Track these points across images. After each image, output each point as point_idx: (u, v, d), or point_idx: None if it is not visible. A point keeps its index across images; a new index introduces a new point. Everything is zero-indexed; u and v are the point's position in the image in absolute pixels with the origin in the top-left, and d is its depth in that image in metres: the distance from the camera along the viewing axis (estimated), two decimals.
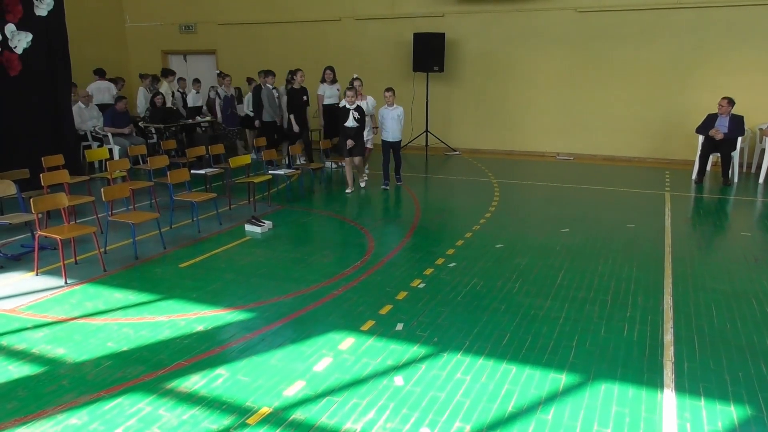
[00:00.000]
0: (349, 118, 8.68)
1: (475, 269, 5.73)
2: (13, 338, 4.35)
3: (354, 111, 8.68)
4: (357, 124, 8.70)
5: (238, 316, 4.70)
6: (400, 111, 9.14)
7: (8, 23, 8.82)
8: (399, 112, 9.12)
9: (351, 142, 8.72)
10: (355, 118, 8.68)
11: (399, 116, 9.12)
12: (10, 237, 6.70)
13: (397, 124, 9.12)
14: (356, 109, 8.71)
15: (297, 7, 13.81)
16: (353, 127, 8.70)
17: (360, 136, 8.83)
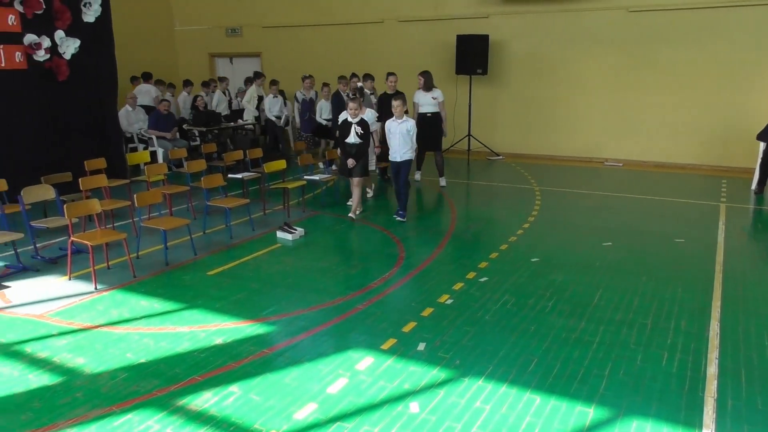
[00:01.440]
0: (350, 133, 7.64)
1: (506, 285, 5.50)
2: (38, 345, 4.39)
3: (357, 125, 7.61)
4: (360, 140, 7.62)
5: (258, 330, 4.62)
6: (410, 125, 7.60)
7: (57, 30, 9.06)
8: (409, 127, 7.58)
9: (352, 162, 7.63)
10: (358, 134, 7.61)
11: (409, 131, 7.58)
12: (50, 240, 6.83)
13: (405, 142, 7.59)
14: (359, 123, 7.65)
15: (340, 10, 13.76)
16: (355, 144, 7.64)
17: (363, 153, 7.73)
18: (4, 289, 5.43)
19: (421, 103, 9.57)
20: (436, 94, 9.45)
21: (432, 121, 9.49)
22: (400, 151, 7.60)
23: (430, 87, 9.45)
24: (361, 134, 7.63)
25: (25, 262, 6.02)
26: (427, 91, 9.45)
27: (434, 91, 9.46)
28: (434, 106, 9.47)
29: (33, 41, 8.73)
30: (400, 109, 7.51)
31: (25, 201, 6.26)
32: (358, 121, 7.64)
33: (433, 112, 9.50)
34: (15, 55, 8.58)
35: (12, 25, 8.51)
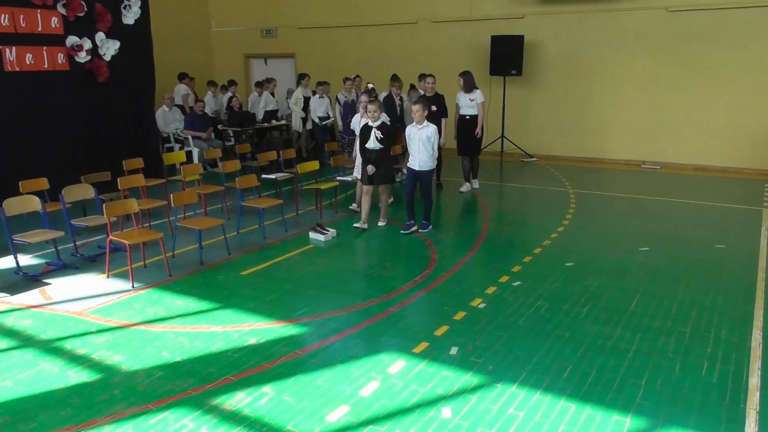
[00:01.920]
0: (371, 137, 7.18)
1: (540, 290, 5.42)
2: (77, 342, 4.49)
3: (377, 129, 7.15)
4: (380, 145, 7.15)
5: (291, 331, 4.65)
6: (431, 131, 7.02)
7: (98, 32, 9.27)
8: (429, 133, 7.01)
9: (372, 168, 7.19)
10: (378, 138, 7.13)
11: (429, 138, 7.01)
12: (89, 238, 6.99)
13: (426, 149, 7.05)
14: (380, 127, 7.17)
15: (374, 11, 13.77)
16: (375, 150, 7.17)
17: (385, 159, 7.26)
18: (45, 286, 5.57)
19: (461, 105, 9.30)
20: (474, 95, 9.13)
21: (470, 124, 9.24)
22: (420, 159, 7.09)
23: (471, 88, 9.12)
24: (381, 139, 7.16)
25: (65, 260, 6.17)
26: (467, 92, 9.14)
27: (474, 92, 9.13)
28: (473, 108, 9.15)
29: (75, 43, 8.95)
30: (419, 114, 7.00)
31: (65, 200, 6.42)
32: (378, 124, 7.20)
33: (473, 114, 9.19)
34: (57, 57, 8.81)
35: (55, 27, 8.74)
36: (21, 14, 8.32)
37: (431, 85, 8.92)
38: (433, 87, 8.95)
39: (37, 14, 8.50)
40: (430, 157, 7.11)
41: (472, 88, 9.08)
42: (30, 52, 8.46)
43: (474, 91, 9.09)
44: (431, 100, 8.76)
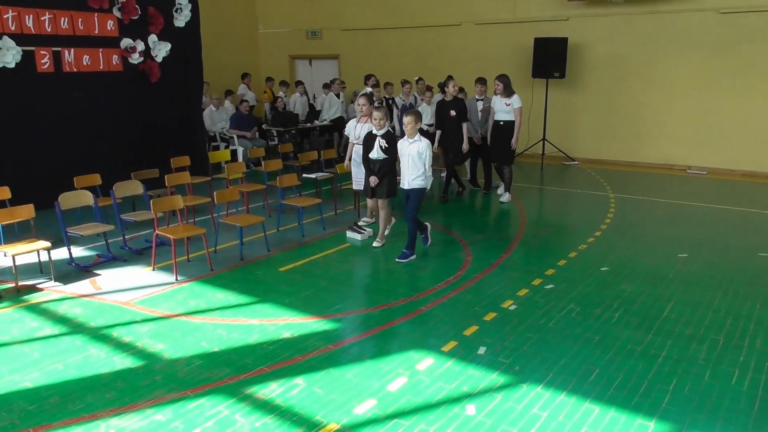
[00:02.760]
0: (374, 147, 6.60)
1: (573, 293, 5.43)
2: (123, 330, 4.74)
3: (381, 138, 6.54)
4: (384, 155, 6.58)
5: (325, 326, 4.80)
6: (422, 146, 6.22)
7: (151, 34, 9.67)
8: (421, 148, 6.22)
9: (374, 179, 6.62)
10: (382, 148, 6.55)
11: (420, 154, 6.23)
12: (138, 232, 7.31)
13: (416, 165, 6.26)
14: (385, 135, 6.57)
15: (418, 13, 13.87)
16: (379, 160, 6.60)
17: (389, 171, 6.64)
18: (95, 277, 5.88)
19: (496, 110, 8.88)
20: (511, 100, 8.69)
21: (504, 130, 8.77)
22: (409, 176, 6.33)
23: (509, 92, 8.71)
24: (386, 148, 6.56)
25: (114, 252, 6.48)
26: (506, 96, 8.70)
27: (511, 96, 8.71)
28: (509, 113, 8.71)
29: (129, 45, 9.35)
30: (411, 127, 6.21)
31: (116, 195, 6.74)
32: (383, 133, 6.59)
33: (507, 120, 8.76)
34: (112, 58, 9.23)
35: (110, 30, 9.16)
36: (79, 18, 8.76)
37: (454, 89, 8.76)
38: (455, 91, 8.77)
39: (94, 18, 8.93)
40: (420, 175, 6.28)
41: (510, 92, 8.75)
42: (87, 54, 8.89)
43: (511, 96, 8.72)
44: (451, 104, 8.66)
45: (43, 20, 8.35)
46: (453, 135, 8.73)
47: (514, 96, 8.71)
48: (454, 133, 8.72)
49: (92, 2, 8.85)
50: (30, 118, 8.31)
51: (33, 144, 8.36)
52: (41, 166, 8.31)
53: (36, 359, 4.27)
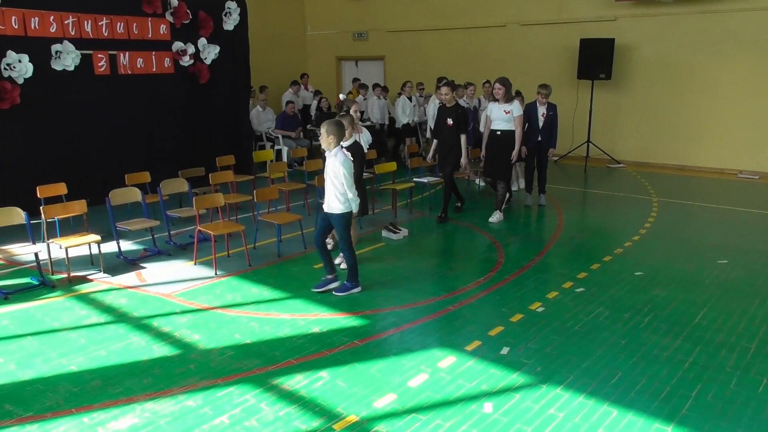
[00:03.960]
0: None
1: (603, 297, 5.41)
2: (163, 320, 5.00)
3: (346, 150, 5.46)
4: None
5: (353, 322, 4.94)
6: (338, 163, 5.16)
7: (201, 37, 10.03)
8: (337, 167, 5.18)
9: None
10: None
11: (336, 174, 5.21)
12: (182, 228, 7.63)
13: (334, 186, 5.27)
14: (351, 147, 5.78)
15: (462, 14, 13.89)
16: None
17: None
18: (140, 270, 6.20)
19: (493, 118, 7.84)
20: (511, 107, 7.67)
21: (502, 141, 7.77)
22: (328, 197, 5.36)
23: (511, 98, 7.77)
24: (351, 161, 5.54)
25: (160, 247, 6.79)
26: (506, 102, 7.71)
27: (511, 103, 7.69)
28: (508, 122, 7.69)
29: (180, 48, 9.74)
30: (325, 139, 5.22)
31: (163, 192, 7.06)
32: (348, 144, 5.75)
33: (505, 130, 7.73)
34: (164, 61, 9.62)
35: (163, 33, 9.55)
36: (134, 22, 9.18)
37: (445, 96, 7.71)
38: (447, 98, 7.71)
39: (148, 22, 9.33)
40: (339, 196, 5.28)
41: (510, 97, 7.75)
42: (141, 57, 9.30)
43: (511, 102, 7.72)
44: (449, 111, 7.71)
45: (101, 25, 8.79)
46: (449, 145, 7.76)
47: (514, 102, 7.77)
48: (451, 143, 7.75)
49: (146, 7, 9.26)
50: (87, 118, 8.75)
51: (89, 143, 8.80)
52: (96, 163, 8.75)
53: (82, 345, 4.56)
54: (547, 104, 8.54)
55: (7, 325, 4.92)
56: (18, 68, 7.97)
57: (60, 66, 8.40)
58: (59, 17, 8.32)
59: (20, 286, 5.71)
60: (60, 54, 8.37)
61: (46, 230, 6.24)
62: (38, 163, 8.10)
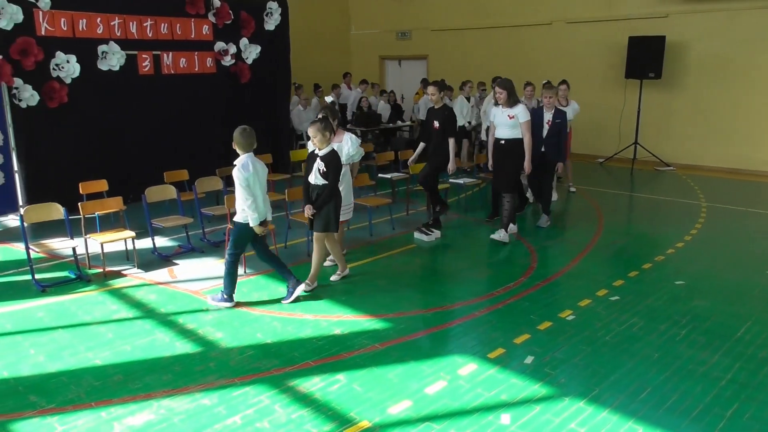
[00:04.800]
0: (313, 169, 5.41)
1: (639, 306, 5.18)
2: (189, 317, 5.05)
3: (320, 160, 5.31)
4: (324, 180, 5.33)
5: (375, 325, 4.87)
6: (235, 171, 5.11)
7: (243, 37, 10.15)
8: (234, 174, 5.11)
9: (309, 210, 5.44)
10: (321, 171, 5.32)
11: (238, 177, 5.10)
12: (217, 225, 7.72)
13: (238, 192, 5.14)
14: (327, 155, 5.31)
15: (507, 12, 13.64)
16: (317, 185, 5.39)
17: (329, 199, 5.39)
18: (173, 266, 6.29)
19: (497, 124, 7.02)
20: (516, 111, 6.81)
21: (507, 150, 6.93)
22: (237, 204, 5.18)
23: (515, 101, 6.90)
24: (324, 172, 5.31)
25: (194, 244, 6.89)
26: (509, 106, 6.87)
27: (516, 107, 6.84)
28: (513, 128, 6.85)
29: (221, 48, 9.88)
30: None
31: (198, 190, 7.16)
32: (324, 153, 5.34)
33: (510, 138, 6.90)
34: (206, 61, 9.79)
35: (205, 34, 9.72)
36: (178, 23, 9.36)
37: (432, 96, 7.06)
38: (435, 99, 7.04)
39: (191, 23, 9.51)
40: (242, 203, 5.09)
41: (514, 101, 6.89)
42: (183, 57, 9.48)
43: (516, 106, 6.85)
44: (437, 113, 7.06)
45: (145, 26, 8.99)
46: (433, 148, 7.15)
47: (518, 106, 6.85)
48: (436, 146, 7.10)
49: (190, 8, 9.43)
50: (130, 117, 8.97)
51: (131, 141, 9.01)
52: (137, 161, 8.94)
53: (109, 339, 4.65)
54: (555, 109, 7.60)
55: (41, 317, 5.06)
56: (66, 68, 8.22)
57: (106, 66, 8.63)
58: (106, 19, 8.56)
59: (57, 280, 5.88)
60: (106, 54, 8.60)
61: (86, 226, 6.40)
62: (81, 161, 8.34)
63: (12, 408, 3.72)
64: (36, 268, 5.90)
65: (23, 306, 5.28)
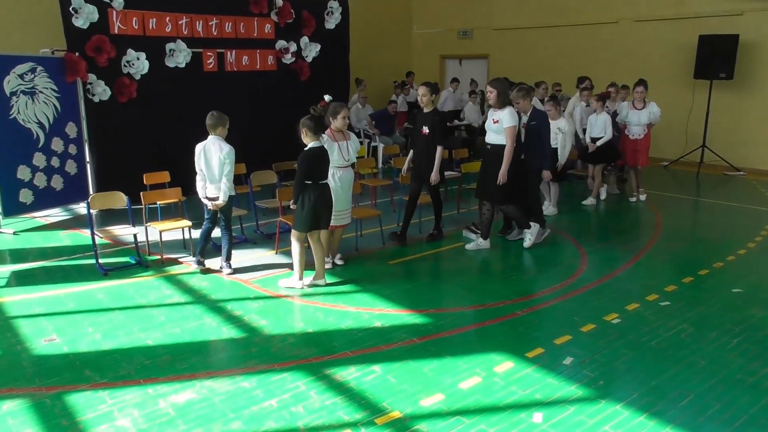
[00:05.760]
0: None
1: (690, 313, 5.00)
2: (236, 305, 5.24)
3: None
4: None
5: (415, 320, 4.91)
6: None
7: (303, 36, 10.38)
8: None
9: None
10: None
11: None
12: (271, 218, 7.93)
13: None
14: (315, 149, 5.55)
15: (572, 11, 13.35)
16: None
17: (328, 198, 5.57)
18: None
19: (486, 127, 6.52)
20: (501, 115, 6.21)
21: (493, 156, 6.39)
22: None
23: (505, 103, 6.24)
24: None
25: (247, 235, 7.12)
26: (498, 108, 6.29)
27: (504, 109, 6.20)
28: (498, 133, 6.30)
29: (283, 46, 10.13)
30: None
31: (253, 183, 7.39)
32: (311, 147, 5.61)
33: (497, 144, 6.32)
34: (267, 59, 10.05)
35: (267, 32, 9.98)
36: (241, 22, 9.66)
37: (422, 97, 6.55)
38: (424, 100, 6.52)
39: (254, 22, 9.79)
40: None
41: (504, 103, 6.26)
42: (246, 55, 9.78)
43: (503, 109, 6.22)
44: (426, 118, 6.56)
45: (211, 25, 9.33)
46: (425, 156, 6.65)
47: (506, 110, 6.21)
48: (426, 154, 6.63)
49: (253, 8, 9.71)
50: (194, 112, 9.30)
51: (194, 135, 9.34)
52: None
53: (161, 322, 4.88)
54: (532, 110, 6.72)
55: (102, 299, 5.37)
56: (136, 65, 8.64)
57: (173, 63, 9.01)
58: (174, 18, 8.93)
59: (119, 264, 6.21)
60: (173, 52, 8.97)
61: (147, 214, 6.72)
62: (146, 153, 8.71)
63: (68, 380, 3.98)
64: (100, 253, 6.26)
65: (86, 288, 5.61)
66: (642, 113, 8.61)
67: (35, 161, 7.73)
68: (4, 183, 7.38)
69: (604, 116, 8.65)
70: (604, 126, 8.56)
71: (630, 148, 8.77)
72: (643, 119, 8.60)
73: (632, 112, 8.65)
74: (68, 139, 8.16)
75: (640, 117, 8.62)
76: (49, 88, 7.85)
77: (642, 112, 8.62)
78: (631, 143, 8.74)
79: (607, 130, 8.57)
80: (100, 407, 3.66)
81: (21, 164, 7.56)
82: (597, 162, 8.78)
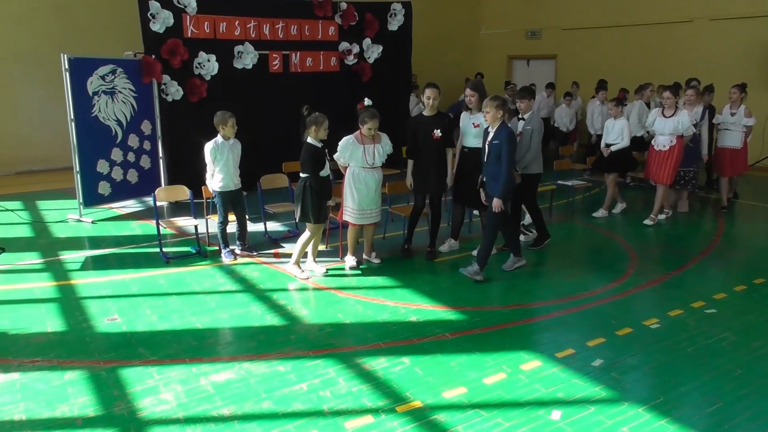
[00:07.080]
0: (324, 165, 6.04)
1: (735, 322, 4.85)
2: (281, 294, 5.52)
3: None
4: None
5: (451, 316, 5.02)
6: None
7: (366, 38, 10.64)
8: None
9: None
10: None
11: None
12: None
13: None
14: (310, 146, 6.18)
15: (644, 9, 12.97)
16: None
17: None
18: (278, 248, 6.84)
19: (463, 132, 6.35)
20: (481, 120, 6.03)
21: (472, 160, 6.23)
22: None
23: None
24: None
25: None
26: (477, 111, 6.17)
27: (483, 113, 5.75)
28: (477, 137, 6.13)
29: (345, 48, 10.43)
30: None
31: None
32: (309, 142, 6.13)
33: (474, 147, 6.19)
34: (330, 60, 10.39)
35: (331, 35, 10.31)
36: (306, 25, 10.03)
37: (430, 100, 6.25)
38: (431, 103, 6.24)
39: (319, 24, 10.14)
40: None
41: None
42: (310, 56, 10.14)
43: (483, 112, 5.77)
44: (435, 121, 6.23)
45: (277, 28, 9.75)
46: (435, 164, 6.30)
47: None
48: (437, 160, 6.30)
49: (318, 11, 10.06)
50: (259, 112, 9.77)
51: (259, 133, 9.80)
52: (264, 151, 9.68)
53: (211, 307, 5.22)
54: (500, 124, 5.60)
55: (162, 284, 5.78)
56: (206, 67, 9.15)
57: (240, 65, 9.47)
58: (243, 22, 9.40)
59: (180, 253, 6.65)
60: (241, 54, 9.44)
61: (208, 208, 7.14)
62: None
63: (123, 356, 4.36)
64: (164, 242, 6.72)
65: (149, 273, 6.05)
66: (668, 122, 7.55)
67: (113, 156, 8.36)
68: (85, 176, 8.02)
69: (622, 122, 8.06)
70: (621, 132, 8.00)
71: (653, 159, 7.78)
72: (668, 128, 7.56)
73: (659, 120, 7.68)
74: (143, 135, 8.76)
75: (665, 126, 7.60)
76: (128, 89, 8.46)
77: (668, 120, 7.56)
78: (655, 155, 7.74)
79: (624, 136, 8.00)
80: (148, 381, 4.00)
81: (100, 158, 8.19)
82: (610, 170, 8.15)
